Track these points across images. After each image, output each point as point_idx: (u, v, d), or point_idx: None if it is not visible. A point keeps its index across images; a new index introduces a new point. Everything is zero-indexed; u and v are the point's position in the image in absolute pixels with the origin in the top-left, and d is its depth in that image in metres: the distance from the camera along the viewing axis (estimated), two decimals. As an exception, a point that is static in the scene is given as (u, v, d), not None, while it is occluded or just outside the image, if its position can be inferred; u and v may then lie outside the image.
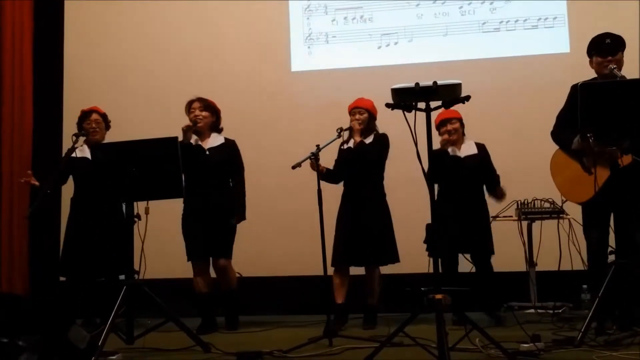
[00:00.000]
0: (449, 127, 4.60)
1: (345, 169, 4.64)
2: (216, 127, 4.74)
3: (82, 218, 4.77)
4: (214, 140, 4.68)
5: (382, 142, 4.64)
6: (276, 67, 6.06)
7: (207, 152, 4.63)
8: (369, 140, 4.61)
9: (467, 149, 4.65)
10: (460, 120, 4.64)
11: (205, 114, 4.68)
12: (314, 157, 4.00)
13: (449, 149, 4.61)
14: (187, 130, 4.55)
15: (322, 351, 3.50)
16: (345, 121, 4.66)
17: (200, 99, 4.71)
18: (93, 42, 6.25)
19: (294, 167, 3.93)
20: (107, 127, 4.96)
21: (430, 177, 4.38)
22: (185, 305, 4.58)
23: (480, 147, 4.68)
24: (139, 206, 3.84)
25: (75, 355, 2.74)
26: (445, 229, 4.39)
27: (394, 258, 4.57)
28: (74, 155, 4.57)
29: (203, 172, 4.59)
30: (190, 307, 4.60)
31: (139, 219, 3.84)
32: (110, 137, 4.81)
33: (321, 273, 3.93)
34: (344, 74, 5.93)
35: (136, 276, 3.86)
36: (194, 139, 4.63)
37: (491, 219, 4.71)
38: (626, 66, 4.31)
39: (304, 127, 5.71)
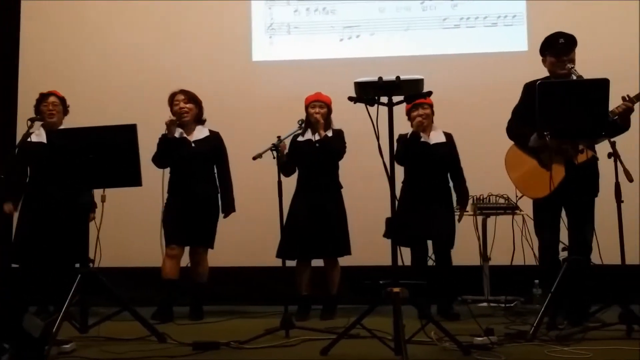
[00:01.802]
0: (421, 111, 4.61)
1: (304, 162, 4.64)
2: (200, 119, 4.74)
3: (36, 204, 4.66)
4: (199, 132, 4.69)
5: (342, 137, 4.68)
6: (237, 56, 6.01)
7: (193, 145, 4.63)
8: (329, 134, 4.65)
9: (436, 136, 4.70)
10: (431, 106, 4.68)
11: (190, 106, 4.68)
12: (275, 149, 3.98)
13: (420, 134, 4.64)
14: (171, 125, 4.54)
15: (279, 342, 3.50)
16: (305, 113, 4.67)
17: (183, 91, 4.71)
18: (51, 24, 6.09)
19: (254, 158, 3.92)
20: (65, 111, 4.86)
21: (397, 158, 4.48)
22: (142, 294, 4.53)
23: (448, 136, 4.74)
24: (95, 194, 3.78)
25: (28, 344, 2.68)
26: (411, 217, 4.46)
27: (347, 250, 4.62)
28: (29, 140, 4.46)
29: (189, 164, 4.61)
30: (147, 296, 4.55)
31: (95, 206, 3.78)
32: (71, 124, 4.70)
33: (280, 264, 3.93)
34: (306, 65, 5.92)
35: (91, 264, 3.80)
36: (178, 131, 4.62)
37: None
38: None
39: (264, 118, 5.68)
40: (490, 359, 3.04)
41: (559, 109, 3.51)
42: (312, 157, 4.62)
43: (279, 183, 3.88)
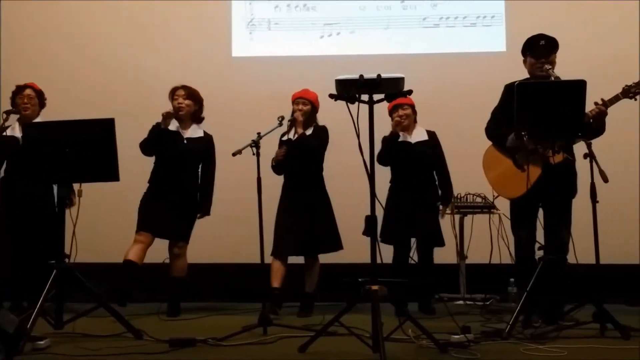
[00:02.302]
0: (401, 112, 4.67)
1: (287, 160, 4.64)
2: (197, 117, 4.73)
3: (11, 199, 4.58)
4: (194, 131, 4.68)
5: (322, 134, 4.67)
6: (217, 51, 5.98)
7: (186, 141, 4.62)
8: (309, 132, 4.64)
9: (418, 135, 4.74)
10: (412, 106, 4.73)
11: (188, 102, 4.65)
12: (255, 145, 3.97)
13: (400, 134, 4.68)
14: (167, 117, 4.51)
15: (257, 339, 3.49)
16: (285, 109, 4.65)
17: (185, 87, 4.69)
18: (31, 19, 6.02)
19: (234, 154, 3.90)
20: (42, 104, 4.79)
21: (379, 159, 4.52)
22: (118, 290, 4.47)
23: (431, 134, 4.78)
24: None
25: (2, 339, 2.64)
26: (397, 215, 4.50)
27: (337, 245, 4.64)
28: (4, 134, 4.40)
29: (177, 159, 4.59)
30: (125, 292, 4.50)
31: (73, 203, 3.73)
32: (49, 118, 4.64)
33: (259, 261, 3.92)
34: (286, 61, 5.90)
35: (67, 260, 3.75)
36: (174, 125, 4.60)
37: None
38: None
39: (243, 114, 5.66)
40: (466, 357, 3.06)
41: (537, 109, 3.53)
42: (291, 155, 4.61)
43: (259, 180, 3.87)
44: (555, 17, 5.60)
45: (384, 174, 4.63)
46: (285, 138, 4.66)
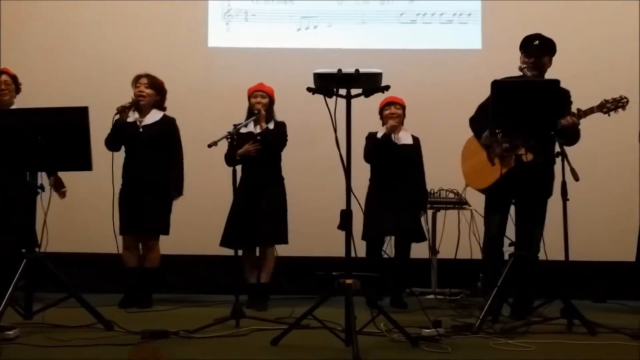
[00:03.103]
0: (393, 109, 4.71)
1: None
2: (159, 106, 4.66)
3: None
4: (152, 117, 4.61)
5: (283, 130, 4.68)
6: (192, 41, 5.93)
7: (141, 130, 4.56)
8: (270, 126, 4.64)
9: (405, 138, 4.79)
10: (404, 107, 4.78)
11: (150, 91, 4.59)
12: (231, 137, 3.94)
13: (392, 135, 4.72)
14: (121, 111, 4.45)
15: (229, 332, 3.48)
16: (260, 101, 4.65)
17: (148, 76, 4.63)
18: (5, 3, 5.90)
19: (209, 146, 3.86)
20: (18, 90, 4.70)
21: (366, 157, 4.55)
22: (90, 280, 4.45)
23: (416, 139, 4.83)
24: (44, 177, 3.68)
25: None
26: (379, 214, 4.55)
27: (282, 239, 4.63)
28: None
29: (137, 151, 4.55)
30: (95, 283, 4.47)
31: (43, 190, 3.68)
32: (22, 105, 4.56)
33: (232, 253, 3.90)
34: (262, 53, 5.88)
35: (37, 249, 3.70)
36: (134, 116, 4.55)
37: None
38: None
39: (219, 105, 5.62)
40: (437, 351, 3.09)
41: (511, 107, 3.57)
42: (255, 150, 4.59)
43: (234, 171, 3.85)
44: (531, 16, 5.65)
45: (360, 169, 4.65)
46: (244, 130, 4.55)
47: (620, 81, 4.99)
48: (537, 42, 3.94)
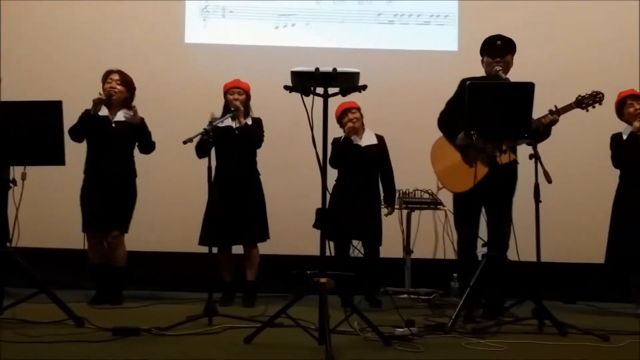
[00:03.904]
0: (351, 115, 4.74)
1: (223, 148, 4.60)
2: (128, 104, 4.60)
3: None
4: (122, 115, 4.55)
5: (261, 126, 4.68)
6: (169, 36, 5.88)
7: (114, 125, 4.51)
8: (248, 122, 4.63)
9: (368, 138, 4.81)
10: (359, 109, 4.79)
11: (121, 88, 4.55)
12: (207, 134, 3.92)
13: (352, 137, 4.73)
14: (98, 102, 4.40)
15: (202, 330, 3.47)
16: (237, 98, 4.62)
17: (120, 72, 4.58)
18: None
19: (185, 142, 3.84)
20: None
21: (332, 162, 4.55)
22: (62, 276, 4.40)
23: (380, 138, 4.85)
24: (16, 171, 3.64)
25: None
26: (340, 214, 4.54)
27: (264, 236, 4.64)
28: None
29: (107, 145, 4.49)
30: (67, 278, 4.42)
31: (15, 184, 3.63)
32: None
33: (206, 250, 3.88)
34: (239, 50, 5.86)
35: (8, 244, 3.65)
36: (104, 111, 4.49)
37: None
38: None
39: (195, 101, 5.57)
40: (409, 350, 3.11)
41: (486, 109, 3.60)
42: (231, 144, 4.58)
43: (209, 169, 3.82)
44: (507, 19, 5.70)
45: (330, 168, 4.65)
46: (220, 125, 4.50)
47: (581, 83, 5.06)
48: (499, 42, 3.98)
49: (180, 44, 5.90)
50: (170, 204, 5.33)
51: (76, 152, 4.32)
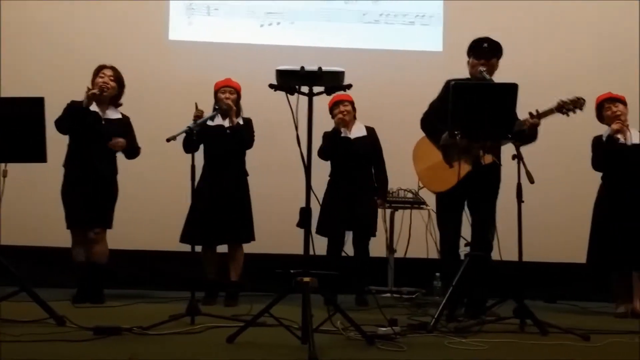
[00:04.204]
0: (342, 108, 4.78)
1: (213, 147, 4.60)
2: (116, 102, 4.59)
3: None
4: (111, 113, 4.54)
5: (251, 126, 4.67)
6: (153, 33, 5.86)
7: (104, 122, 4.48)
8: (240, 122, 4.63)
9: (357, 131, 4.84)
10: (351, 103, 4.82)
11: (114, 84, 4.52)
12: (190, 132, 3.90)
13: (342, 130, 4.74)
14: (92, 96, 4.37)
15: (184, 329, 3.44)
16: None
17: (113, 68, 4.55)
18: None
19: (168, 140, 3.82)
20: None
21: (321, 154, 4.57)
22: (43, 274, 4.36)
23: (370, 130, 4.88)
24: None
25: None
26: (335, 208, 4.60)
27: (250, 237, 4.63)
28: None
29: (95, 141, 4.44)
30: (47, 277, 4.38)
31: (-4, 179, 3.60)
32: None
33: (189, 249, 3.87)
34: (224, 48, 5.85)
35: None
36: (94, 106, 4.45)
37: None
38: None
39: (179, 99, 5.52)
40: (392, 349, 3.11)
41: (471, 110, 3.62)
42: (222, 143, 4.57)
43: (192, 167, 3.80)
44: (491, 20, 5.74)
45: (321, 167, 4.66)
46: (210, 124, 4.52)
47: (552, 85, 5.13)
48: (486, 44, 4.00)
49: (164, 41, 5.87)
50: (153, 202, 5.30)
51: (59, 149, 4.28)
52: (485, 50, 3.98)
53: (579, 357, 3.12)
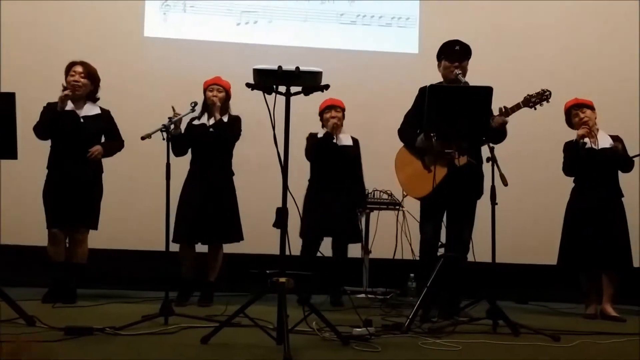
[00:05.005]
0: (334, 113, 4.79)
1: (197, 145, 4.58)
2: (93, 97, 4.51)
3: None
4: (89, 109, 4.47)
5: (238, 124, 4.65)
6: (127, 29, 5.79)
7: (82, 120, 4.40)
8: (224, 119, 4.59)
9: (345, 139, 4.86)
10: (343, 110, 4.86)
11: (85, 81, 4.44)
12: (165, 130, 3.86)
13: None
14: (65, 99, 4.31)
15: (157, 329, 3.41)
16: (198, 94, 4.56)
17: (83, 64, 4.46)
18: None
19: (143, 138, 3.77)
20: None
21: (308, 155, 4.57)
22: (13, 273, 4.28)
23: (355, 141, 4.91)
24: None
25: None
26: (318, 212, 4.63)
27: (239, 236, 4.63)
28: None
29: (75, 140, 4.38)
30: (17, 276, 4.30)
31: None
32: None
33: (163, 248, 3.83)
34: (200, 46, 5.81)
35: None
36: (69, 105, 4.38)
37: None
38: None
39: (154, 96, 5.50)
40: (367, 350, 3.12)
41: (446, 112, 3.65)
42: (206, 142, 4.55)
43: (168, 165, 3.76)
44: (467, 22, 5.79)
45: (297, 167, 4.64)
46: (196, 122, 4.56)
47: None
48: (458, 47, 4.03)
49: (139, 37, 5.81)
50: (128, 201, 5.23)
51: (35, 147, 4.21)
52: (457, 53, 4.01)
53: (549, 357, 3.16)
